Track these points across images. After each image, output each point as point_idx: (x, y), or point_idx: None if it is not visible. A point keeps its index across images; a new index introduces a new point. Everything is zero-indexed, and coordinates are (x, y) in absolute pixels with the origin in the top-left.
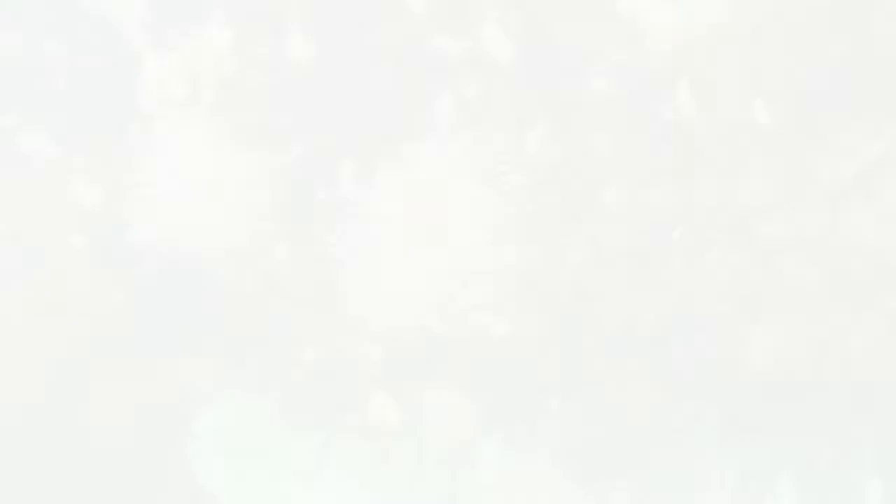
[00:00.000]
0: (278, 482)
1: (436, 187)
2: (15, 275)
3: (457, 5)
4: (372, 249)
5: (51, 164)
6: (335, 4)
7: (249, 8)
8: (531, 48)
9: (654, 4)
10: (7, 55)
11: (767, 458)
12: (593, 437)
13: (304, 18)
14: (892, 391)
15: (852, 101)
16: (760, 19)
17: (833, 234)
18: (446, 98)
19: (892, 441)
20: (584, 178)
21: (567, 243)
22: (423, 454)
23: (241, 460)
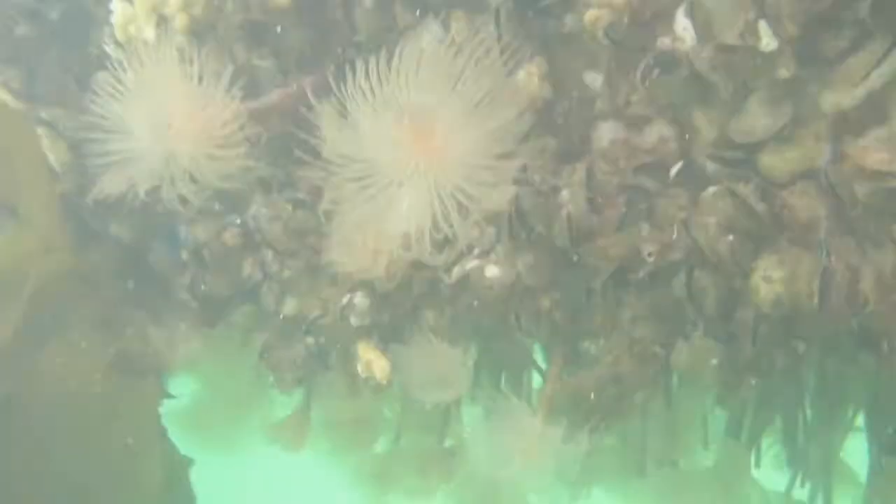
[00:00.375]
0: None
1: None
2: None
3: None
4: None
5: None
6: None
7: None
8: None
9: None
10: None
11: (769, 397)
12: (590, 386)
13: None
14: None
15: (855, 26)
16: None
17: (840, 164)
18: None
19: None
20: (579, 116)
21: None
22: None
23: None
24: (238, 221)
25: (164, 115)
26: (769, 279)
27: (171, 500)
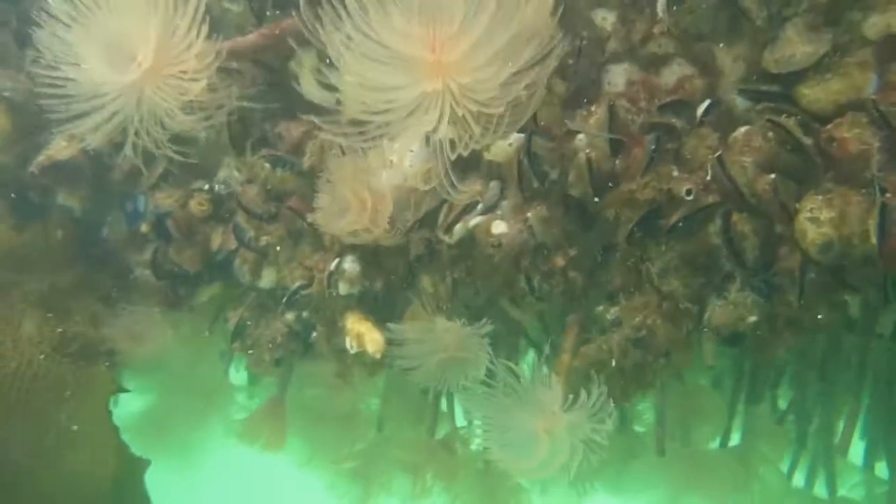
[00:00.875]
0: None
1: None
2: None
3: None
4: None
5: None
6: None
7: None
8: None
9: None
10: None
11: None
12: (610, 352)
13: None
14: None
15: None
16: None
17: (891, 92)
18: None
19: None
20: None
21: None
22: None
23: None
24: (206, 187)
25: (129, 46)
26: (817, 221)
27: (124, 499)
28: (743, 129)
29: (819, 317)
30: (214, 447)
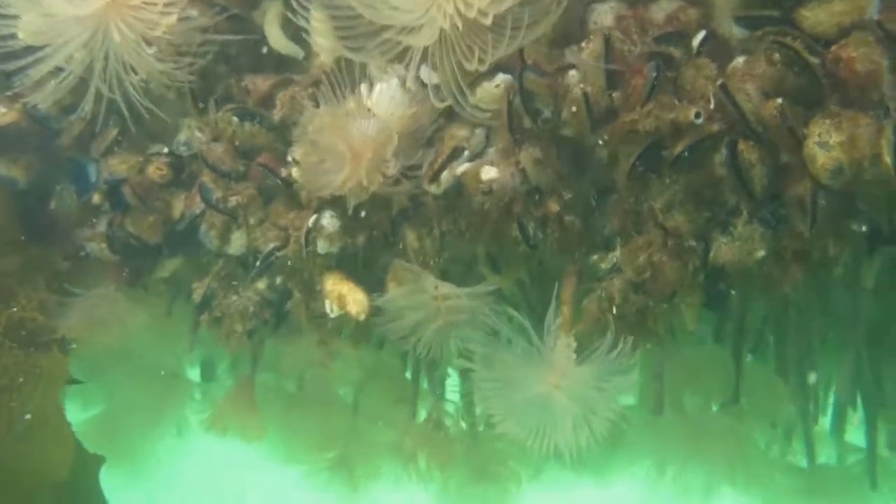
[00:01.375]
0: None
1: None
2: None
3: None
4: None
5: None
6: None
7: None
8: None
9: None
10: None
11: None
12: (611, 299)
13: None
14: None
15: None
16: None
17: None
18: None
19: None
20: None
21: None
22: None
23: None
24: (165, 151)
25: None
26: (826, 145)
27: (77, 494)
28: (742, 59)
29: (827, 250)
30: (178, 442)
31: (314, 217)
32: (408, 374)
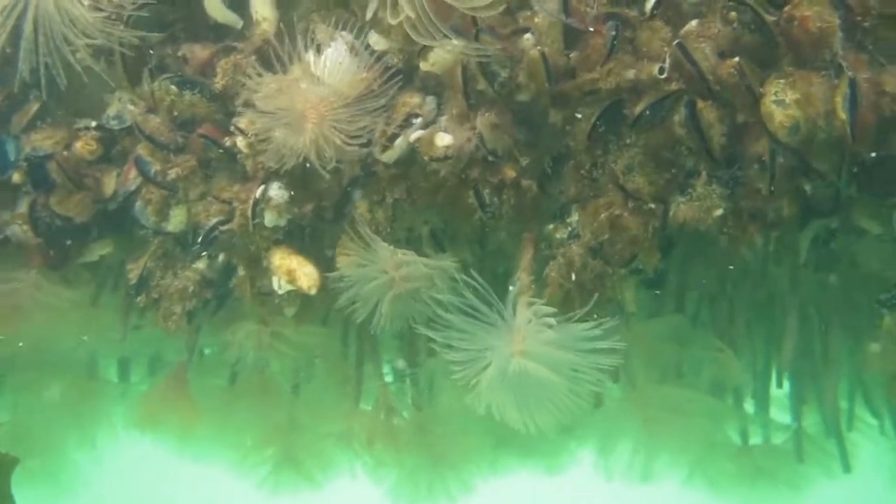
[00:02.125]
0: None
1: None
2: None
3: None
4: None
5: None
6: None
7: None
8: None
9: None
10: None
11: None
12: (570, 264)
13: None
14: None
15: None
16: None
17: None
18: None
19: None
20: None
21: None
22: None
23: None
24: (94, 125)
25: None
26: (783, 103)
27: None
28: (695, 21)
29: (782, 210)
30: (104, 441)
31: (261, 188)
32: (352, 359)
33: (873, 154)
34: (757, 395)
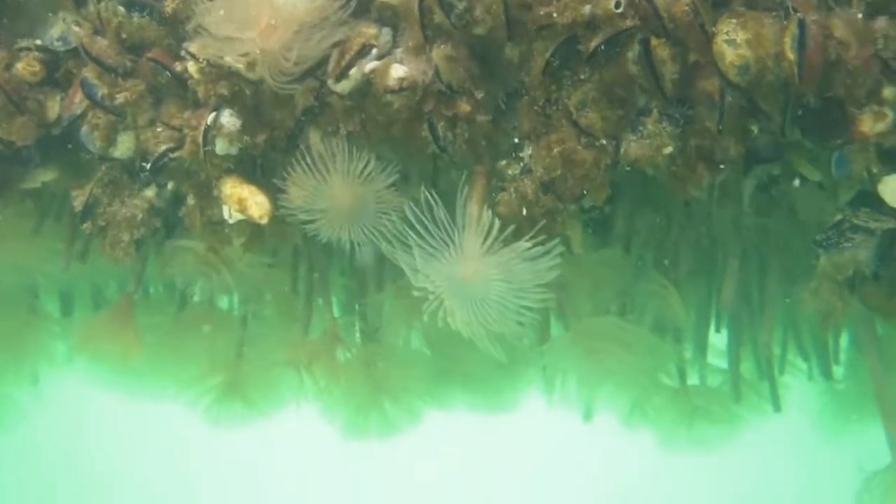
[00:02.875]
0: None
1: None
2: None
3: None
4: None
5: None
6: None
7: None
8: None
9: None
10: None
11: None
12: (521, 199)
13: None
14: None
15: None
16: None
17: None
18: None
19: None
20: None
21: None
22: None
23: None
24: (37, 43)
25: None
26: (734, 42)
27: None
28: None
29: (729, 150)
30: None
31: (213, 114)
32: (299, 289)
33: (818, 97)
34: (696, 337)
